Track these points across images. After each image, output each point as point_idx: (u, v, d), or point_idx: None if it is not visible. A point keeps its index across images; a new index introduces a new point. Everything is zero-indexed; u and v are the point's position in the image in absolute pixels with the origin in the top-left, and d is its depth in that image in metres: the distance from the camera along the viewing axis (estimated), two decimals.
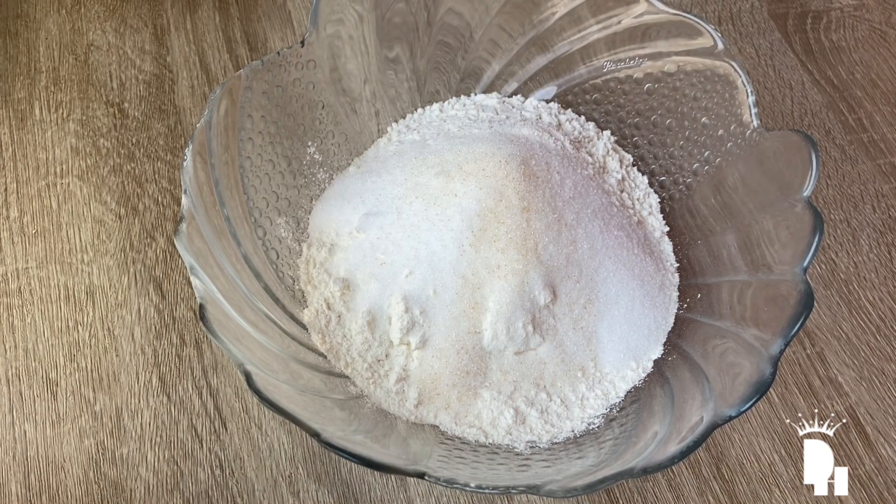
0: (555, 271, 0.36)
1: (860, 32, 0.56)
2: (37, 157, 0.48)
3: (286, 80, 0.40)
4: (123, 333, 0.42)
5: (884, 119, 0.52)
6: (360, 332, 0.37)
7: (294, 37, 0.54)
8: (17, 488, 0.38)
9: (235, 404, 0.41)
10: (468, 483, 0.29)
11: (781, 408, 0.41)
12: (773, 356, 0.30)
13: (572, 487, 0.28)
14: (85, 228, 0.46)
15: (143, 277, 0.44)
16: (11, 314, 0.43)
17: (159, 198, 0.47)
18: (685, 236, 0.42)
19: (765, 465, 0.40)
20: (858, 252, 0.46)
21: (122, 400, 0.41)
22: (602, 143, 0.44)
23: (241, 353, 0.30)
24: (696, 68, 0.41)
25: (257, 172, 0.39)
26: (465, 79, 0.48)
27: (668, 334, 0.39)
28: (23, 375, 0.41)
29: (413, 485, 0.39)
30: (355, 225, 0.39)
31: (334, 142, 0.44)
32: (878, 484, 0.39)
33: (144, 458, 0.39)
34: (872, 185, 0.49)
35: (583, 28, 0.45)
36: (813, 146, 0.34)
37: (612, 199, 0.41)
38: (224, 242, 0.35)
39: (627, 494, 0.39)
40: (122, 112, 0.50)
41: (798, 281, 0.32)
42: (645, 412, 0.35)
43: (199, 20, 0.55)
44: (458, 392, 0.36)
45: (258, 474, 0.39)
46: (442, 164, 0.38)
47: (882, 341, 0.43)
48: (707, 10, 0.57)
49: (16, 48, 0.53)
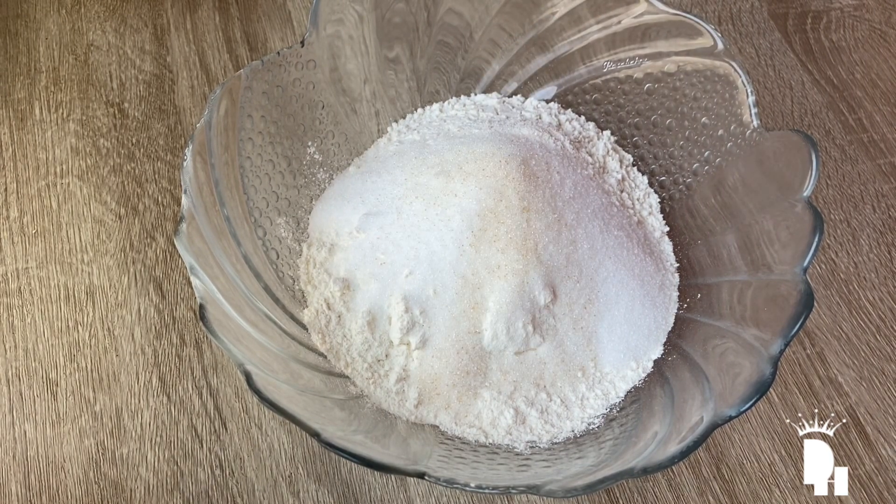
0: (555, 271, 0.36)
1: (860, 32, 0.56)
2: (37, 157, 0.48)
3: (286, 80, 0.40)
4: (123, 333, 0.43)
5: (884, 119, 0.52)
6: (360, 332, 0.37)
7: (294, 37, 0.54)
8: (17, 488, 0.38)
9: (235, 404, 0.41)
10: (468, 483, 0.29)
11: (781, 408, 0.41)
12: (773, 356, 0.30)
13: (572, 487, 0.28)
14: (85, 228, 0.46)
15: (143, 277, 0.44)
16: (11, 314, 0.43)
17: (159, 198, 0.47)
18: (685, 236, 0.42)
19: (765, 465, 0.40)
20: (858, 252, 0.46)
21: (122, 400, 0.41)
22: (602, 143, 0.44)
23: (241, 353, 0.30)
24: (696, 68, 0.41)
25: (257, 172, 0.39)
26: (465, 79, 0.48)
27: (668, 334, 0.39)
28: (23, 375, 0.41)
29: (413, 485, 0.39)
30: (355, 225, 0.39)
31: (334, 142, 0.44)
32: (878, 484, 0.39)
33: (144, 458, 0.39)
34: (872, 185, 0.49)
35: (583, 28, 0.45)
36: (813, 146, 0.34)
37: (612, 199, 0.41)
38: (224, 242, 0.35)
39: (627, 494, 0.39)
40: (122, 112, 0.50)
41: (798, 281, 0.32)
42: (645, 412, 0.35)
43: (199, 20, 0.55)
44: (458, 392, 0.36)
45: (258, 474, 0.39)
46: (442, 164, 0.38)
47: (882, 341, 0.43)
48: (707, 10, 0.57)
49: (16, 48, 0.53)
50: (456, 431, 0.36)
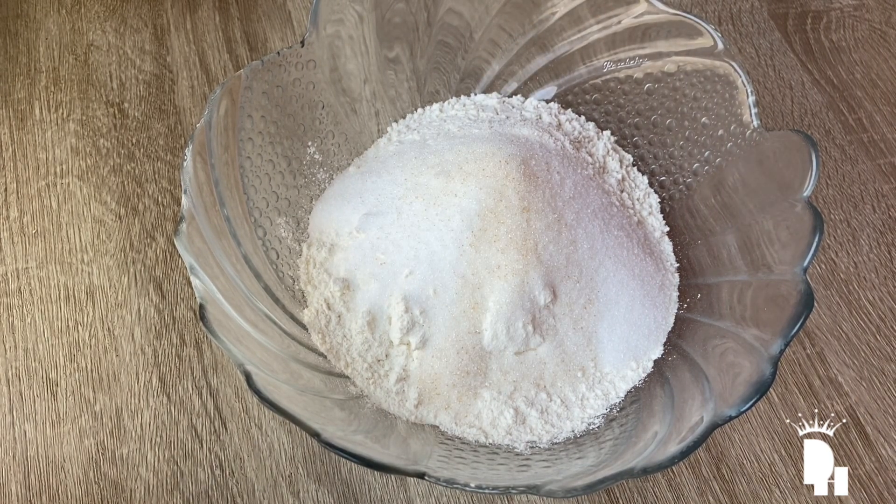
0: (555, 271, 0.36)
1: (860, 32, 0.56)
2: (37, 157, 0.48)
3: (286, 80, 0.40)
4: (123, 333, 0.42)
5: (884, 119, 0.52)
6: (360, 332, 0.37)
7: (294, 37, 0.54)
8: (17, 488, 0.38)
9: (235, 404, 0.41)
10: (468, 483, 0.29)
11: (781, 408, 0.41)
12: (774, 356, 0.30)
13: (572, 487, 0.28)
14: (85, 228, 0.46)
15: (143, 277, 0.44)
16: (11, 314, 0.43)
17: (159, 198, 0.47)
18: (685, 236, 0.42)
19: (765, 465, 0.40)
20: (858, 252, 0.46)
21: (122, 400, 0.41)
22: (602, 143, 0.44)
23: (241, 353, 0.30)
24: (696, 68, 0.41)
25: (257, 172, 0.39)
26: (465, 79, 0.48)
27: (668, 334, 0.39)
28: (23, 375, 0.41)
29: (413, 485, 0.39)
30: (355, 225, 0.39)
31: (334, 142, 0.44)
32: (878, 484, 0.39)
33: (144, 458, 0.39)
34: (872, 185, 0.49)
35: (583, 28, 0.45)
36: (813, 146, 0.34)
37: (612, 199, 0.41)
38: (224, 242, 0.35)
39: (627, 494, 0.39)
40: (122, 112, 0.50)
41: (798, 281, 0.32)
42: (645, 412, 0.35)
43: (199, 20, 0.55)
44: (458, 392, 0.36)
45: (258, 474, 0.39)
46: (442, 164, 0.38)
47: (882, 341, 0.43)
48: (707, 10, 0.57)
49: (16, 48, 0.53)
50: (456, 431, 0.36)
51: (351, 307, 0.38)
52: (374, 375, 0.37)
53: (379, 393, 0.36)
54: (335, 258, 0.39)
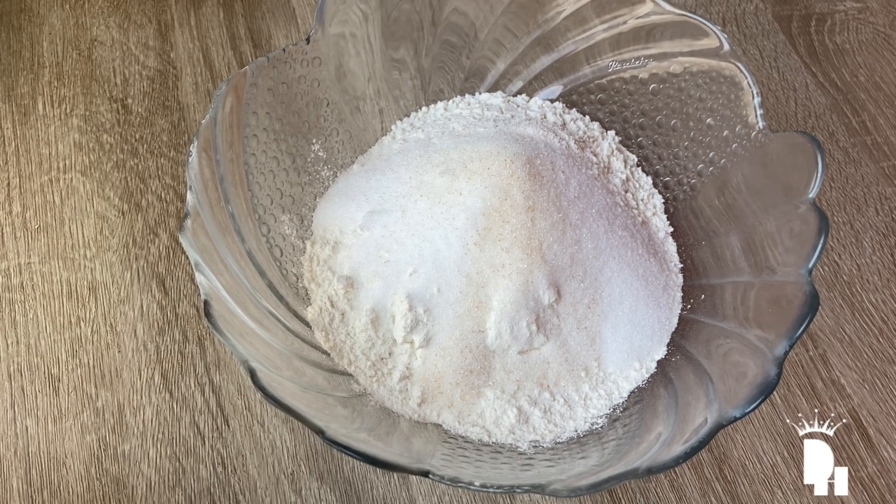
0: (559, 271, 0.36)
1: (864, 35, 0.56)
2: (40, 152, 0.48)
3: (291, 76, 0.40)
4: (126, 330, 0.42)
5: (887, 122, 0.52)
6: (363, 329, 0.37)
7: (298, 34, 0.54)
8: (18, 484, 0.38)
9: (238, 401, 0.40)
10: (472, 482, 0.29)
11: (784, 409, 0.41)
12: (778, 357, 0.30)
13: (577, 487, 0.28)
14: (88, 224, 0.46)
15: (146, 274, 0.44)
16: (14, 310, 0.43)
17: (162, 194, 0.47)
18: (689, 237, 0.42)
19: (767, 467, 0.40)
20: (862, 254, 0.46)
21: (124, 396, 0.41)
22: (607, 143, 0.44)
23: (246, 350, 0.30)
24: (702, 69, 0.41)
25: (262, 169, 0.39)
26: (470, 78, 0.48)
27: (671, 335, 0.39)
28: (25, 371, 0.41)
29: (415, 483, 0.39)
30: (359, 223, 0.39)
31: (338, 139, 0.44)
32: (880, 486, 0.39)
33: (146, 454, 0.39)
34: (876, 188, 0.49)
35: (588, 28, 0.45)
36: (818, 148, 0.34)
37: (617, 199, 0.41)
38: (228, 239, 0.35)
39: (630, 495, 0.39)
40: (126, 108, 0.50)
41: (803, 283, 0.32)
42: (648, 413, 0.35)
43: (203, 16, 0.55)
44: (462, 391, 0.36)
45: (260, 472, 0.39)
46: (447, 162, 0.38)
47: (885, 343, 0.43)
48: (711, 12, 0.57)
49: (19, 43, 0.53)
50: (459, 430, 0.36)
51: (354, 305, 0.38)
52: (378, 373, 0.36)
53: (382, 391, 0.36)
54: (339, 256, 0.39)
